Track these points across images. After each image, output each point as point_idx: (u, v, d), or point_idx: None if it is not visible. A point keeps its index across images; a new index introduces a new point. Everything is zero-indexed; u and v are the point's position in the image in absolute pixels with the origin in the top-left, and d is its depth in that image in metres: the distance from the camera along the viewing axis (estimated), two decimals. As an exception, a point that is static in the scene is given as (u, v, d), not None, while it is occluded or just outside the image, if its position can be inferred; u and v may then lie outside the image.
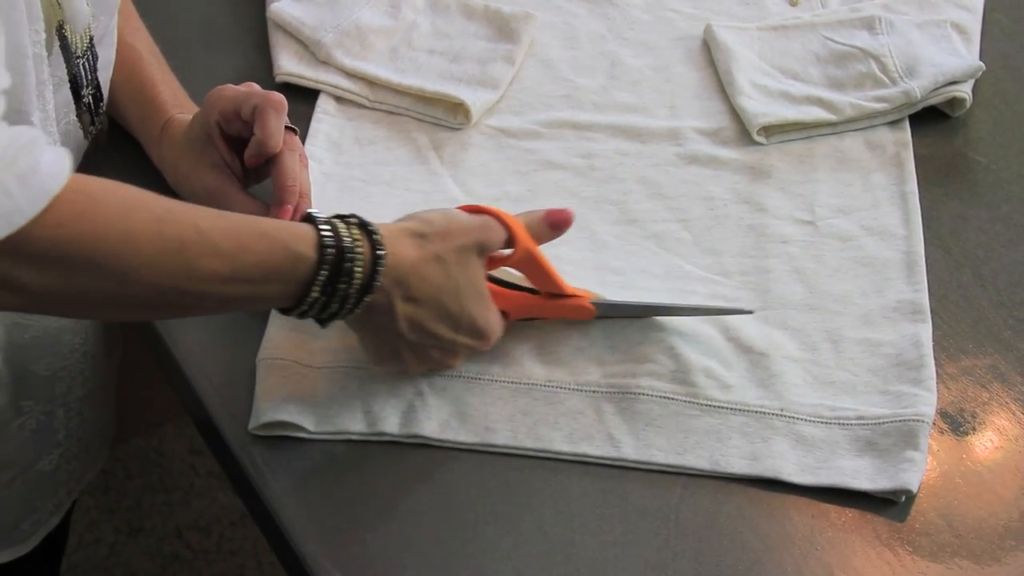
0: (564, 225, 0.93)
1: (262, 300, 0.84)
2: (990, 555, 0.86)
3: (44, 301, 0.78)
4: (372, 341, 0.90)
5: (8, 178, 0.70)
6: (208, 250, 0.78)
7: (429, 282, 0.86)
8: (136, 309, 0.82)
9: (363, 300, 0.84)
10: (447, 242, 0.86)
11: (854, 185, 1.09)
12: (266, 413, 0.90)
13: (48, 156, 0.72)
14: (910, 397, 0.92)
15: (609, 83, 1.17)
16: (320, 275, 0.82)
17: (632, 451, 0.90)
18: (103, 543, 1.82)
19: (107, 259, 0.75)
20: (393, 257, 0.84)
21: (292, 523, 0.87)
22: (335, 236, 0.82)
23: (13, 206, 0.70)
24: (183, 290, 0.79)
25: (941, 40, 1.18)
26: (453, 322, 0.88)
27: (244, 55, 1.18)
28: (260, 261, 0.80)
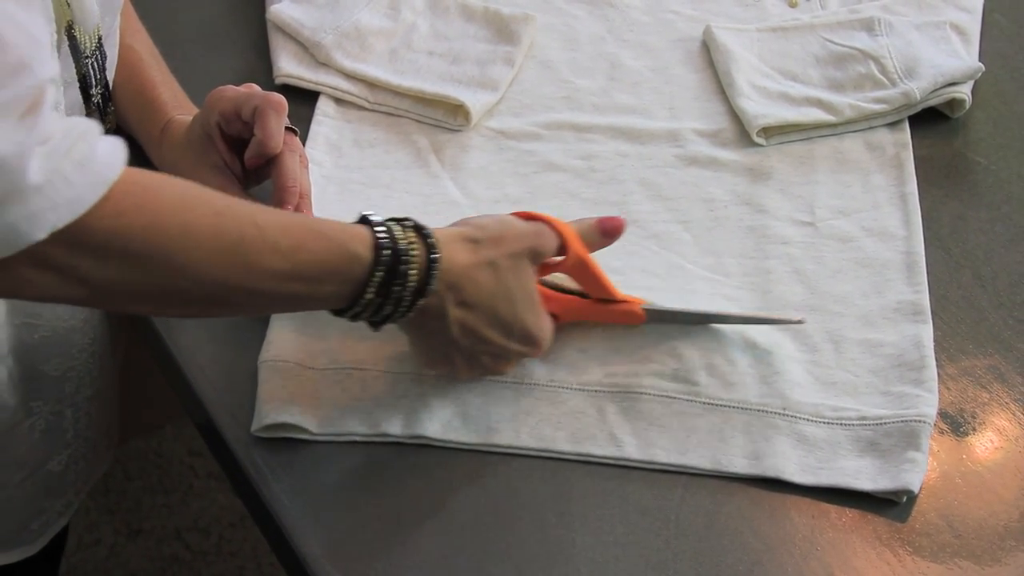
0: (616, 232, 0.93)
1: (316, 300, 0.83)
2: (990, 555, 0.86)
3: (104, 294, 0.77)
4: (423, 345, 0.90)
5: (67, 166, 0.70)
6: (267, 246, 0.78)
7: (482, 287, 0.86)
8: (193, 305, 0.82)
9: (416, 303, 0.84)
10: (500, 248, 0.87)
11: (854, 186, 1.09)
12: (269, 415, 0.90)
13: (104, 145, 0.73)
14: (912, 398, 0.92)
15: (609, 85, 1.17)
16: (375, 276, 0.82)
17: (635, 451, 0.91)
18: (103, 544, 1.82)
19: (166, 252, 0.75)
20: (447, 261, 0.84)
21: (292, 524, 0.87)
22: (391, 238, 0.82)
23: (73, 194, 0.70)
24: (240, 286, 0.79)
25: (940, 41, 1.18)
26: (505, 328, 0.88)
27: (243, 57, 1.18)
28: (317, 259, 0.80)
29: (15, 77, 0.68)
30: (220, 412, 0.92)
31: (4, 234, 0.69)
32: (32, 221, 0.69)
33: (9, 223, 0.69)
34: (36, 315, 0.93)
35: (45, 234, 0.70)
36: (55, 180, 0.69)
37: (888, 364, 0.95)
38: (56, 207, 0.70)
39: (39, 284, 0.74)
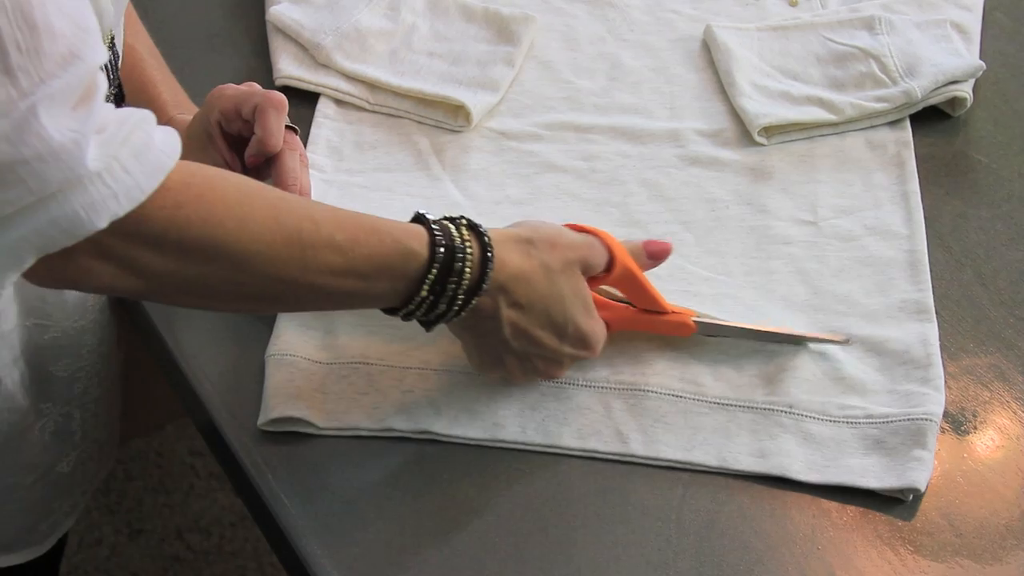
0: (662, 256, 0.93)
1: (370, 298, 0.83)
2: (992, 554, 0.86)
3: (162, 286, 0.78)
4: (476, 347, 0.90)
5: (125, 154, 0.70)
6: (323, 241, 0.78)
7: (535, 289, 0.86)
8: (248, 300, 0.82)
9: (470, 302, 0.84)
10: (553, 252, 0.87)
11: (855, 185, 1.09)
12: (275, 409, 0.90)
13: (160, 134, 0.73)
14: (918, 396, 0.92)
15: (609, 85, 1.17)
16: (430, 273, 0.82)
17: (640, 447, 0.91)
18: (104, 544, 1.82)
19: (223, 244, 0.76)
20: (501, 260, 0.84)
21: (293, 523, 0.87)
22: (446, 235, 0.82)
23: (132, 182, 0.70)
24: (295, 281, 0.79)
25: (941, 40, 1.18)
26: (558, 330, 0.88)
27: (244, 58, 1.18)
28: (372, 255, 0.80)
29: (66, 67, 0.68)
30: (221, 412, 0.92)
31: (66, 223, 0.69)
32: (93, 210, 0.69)
33: (70, 212, 0.69)
34: (47, 316, 0.93)
35: (106, 223, 0.70)
36: (113, 168, 0.69)
37: (894, 362, 0.95)
38: (116, 195, 0.70)
39: (99, 274, 0.74)
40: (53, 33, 0.67)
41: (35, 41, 0.66)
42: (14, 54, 0.66)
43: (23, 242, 0.69)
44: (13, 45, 0.66)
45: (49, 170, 0.67)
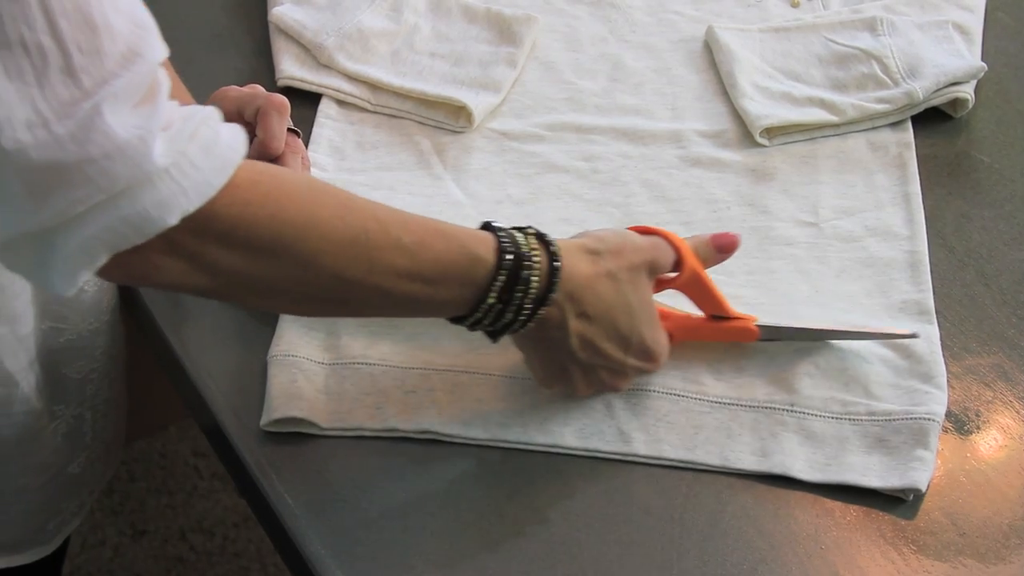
0: (731, 248, 0.93)
1: (436, 303, 0.83)
2: (995, 554, 0.87)
3: (230, 284, 0.78)
4: (541, 360, 0.89)
5: (192, 150, 0.70)
6: (390, 242, 0.78)
7: (602, 299, 0.85)
8: (315, 301, 0.82)
9: (538, 312, 0.83)
10: (620, 260, 0.86)
11: (857, 186, 1.09)
12: (278, 410, 0.90)
13: (226, 130, 0.73)
14: (921, 394, 0.92)
15: (611, 86, 1.17)
16: (497, 280, 0.81)
17: (643, 446, 0.91)
18: (107, 545, 1.82)
19: (291, 242, 0.76)
20: (569, 269, 0.84)
21: (297, 524, 0.87)
22: (513, 243, 0.82)
23: (201, 178, 0.70)
24: (360, 282, 0.79)
25: (943, 41, 1.18)
26: (623, 342, 0.87)
27: (246, 59, 1.18)
28: (439, 259, 0.80)
29: (128, 65, 0.68)
30: (225, 412, 0.92)
31: (137, 220, 0.69)
32: (163, 207, 0.69)
33: (141, 209, 0.69)
34: (63, 318, 0.93)
35: (176, 219, 0.70)
36: (182, 163, 0.70)
37: (897, 356, 0.95)
38: (185, 191, 0.70)
39: (169, 271, 0.74)
40: (113, 32, 0.67)
41: (96, 41, 0.67)
42: (76, 55, 0.66)
43: (95, 240, 0.70)
44: (75, 46, 0.66)
45: (117, 168, 0.67)
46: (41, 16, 0.65)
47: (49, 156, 0.66)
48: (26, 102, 0.66)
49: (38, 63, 0.66)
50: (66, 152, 0.66)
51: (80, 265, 0.71)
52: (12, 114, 0.65)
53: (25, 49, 0.65)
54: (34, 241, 0.70)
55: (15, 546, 1.00)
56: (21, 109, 0.65)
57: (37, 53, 0.65)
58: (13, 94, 0.65)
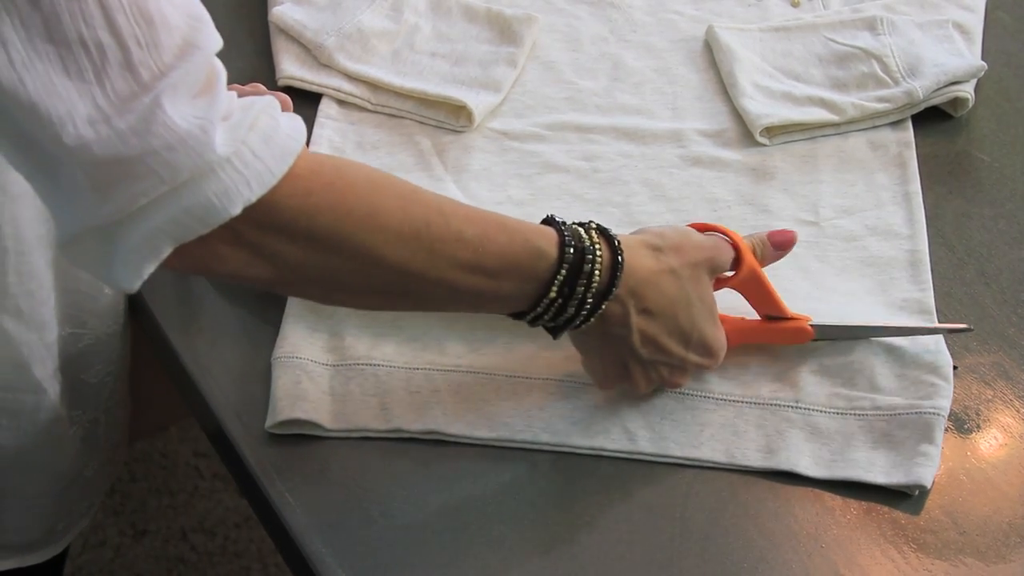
0: (788, 244, 0.93)
1: (498, 298, 0.82)
2: (995, 552, 0.87)
3: (292, 275, 0.78)
4: (601, 358, 0.89)
5: (253, 139, 0.70)
6: (452, 235, 0.78)
7: (664, 294, 0.85)
8: (376, 293, 0.82)
9: (600, 307, 0.83)
10: (681, 257, 0.86)
11: (857, 185, 1.09)
12: (282, 411, 0.90)
13: (286, 119, 0.73)
14: (927, 386, 0.92)
15: (611, 85, 1.17)
16: (560, 274, 0.81)
17: (648, 444, 0.91)
18: (108, 545, 1.82)
19: (352, 233, 0.76)
20: (631, 265, 0.84)
21: (298, 523, 0.87)
22: (575, 237, 0.82)
23: (263, 167, 0.71)
24: (423, 274, 0.79)
25: (943, 40, 1.18)
26: (684, 338, 0.87)
27: (246, 59, 1.18)
28: (501, 252, 0.80)
29: (185, 57, 0.68)
30: (228, 414, 0.92)
31: (200, 211, 0.69)
32: (226, 196, 0.69)
33: (204, 200, 0.69)
34: (83, 324, 0.94)
35: (239, 209, 0.70)
36: (243, 152, 0.70)
37: (902, 349, 0.94)
38: (247, 181, 0.70)
39: (231, 261, 0.74)
40: (169, 25, 0.68)
41: (153, 35, 0.67)
42: (135, 50, 0.66)
43: (159, 232, 0.70)
44: (133, 41, 0.66)
45: (179, 158, 0.68)
46: (99, 12, 0.66)
47: (112, 151, 0.66)
48: (86, 98, 0.66)
49: (97, 59, 0.66)
50: (128, 146, 0.67)
51: (145, 258, 0.71)
52: (74, 111, 0.66)
53: (84, 46, 0.66)
54: (100, 235, 0.70)
55: (29, 547, 1.00)
56: (82, 105, 0.66)
57: (96, 49, 0.66)
58: (74, 91, 0.66)
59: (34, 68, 0.65)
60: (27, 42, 0.65)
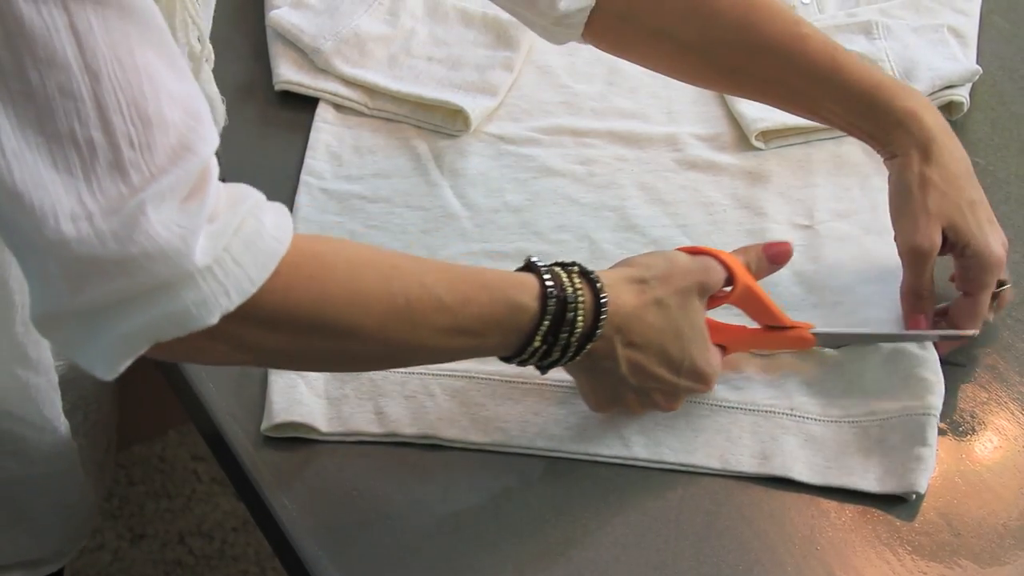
0: (783, 258, 0.94)
1: (485, 350, 0.84)
2: (990, 554, 0.87)
3: (273, 358, 0.80)
4: (592, 386, 0.90)
5: (236, 246, 0.70)
6: (433, 305, 0.79)
7: (651, 327, 0.86)
8: (359, 363, 0.84)
9: (584, 348, 0.84)
10: (668, 286, 0.87)
11: (853, 189, 1.09)
12: (279, 415, 0.91)
13: (270, 218, 0.72)
14: (917, 385, 0.92)
15: (607, 89, 1.17)
16: (542, 325, 0.82)
17: (643, 450, 0.91)
18: (106, 549, 1.82)
19: (336, 320, 0.76)
20: (615, 304, 0.84)
21: (295, 526, 0.87)
22: (557, 285, 0.82)
23: (243, 274, 0.70)
24: (406, 343, 0.79)
25: (938, 45, 1.19)
26: (674, 366, 0.88)
27: (243, 63, 1.18)
28: (482, 313, 0.80)
29: (177, 161, 0.67)
30: (224, 417, 0.92)
31: (177, 318, 0.69)
32: (204, 306, 0.69)
33: (181, 307, 0.68)
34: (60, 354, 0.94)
35: (216, 318, 0.70)
36: (225, 260, 0.69)
37: (894, 352, 0.95)
38: (226, 291, 0.69)
39: (211, 353, 0.75)
40: (165, 125, 0.67)
41: (148, 136, 0.66)
42: (127, 151, 0.66)
43: (137, 332, 0.69)
44: (126, 141, 0.66)
45: (157, 267, 0.67)
46: (95, 113, 0.65)
47: (90, 251, 0.66)
48: (72, 194, 0.65)
49: (87, 157, 0.65)
50: (107, 249, 0.66)
51: (123, 353, 0.70)
52: (57, 205, 0.65)
53: (75, 143, 0.65)
54: (75, 319, 0.69)
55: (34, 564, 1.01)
56: (67, 201, 0.65)
57: (87, 147, 0.65)
58: (59, 185, 0.65)
59: (23, 158, 0.65)
60: (19, 131, 0.65)
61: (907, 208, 0.96)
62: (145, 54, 0.67)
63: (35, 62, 0.64)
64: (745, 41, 0.97)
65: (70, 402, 0.95)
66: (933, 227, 0.95)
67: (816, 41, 0.97)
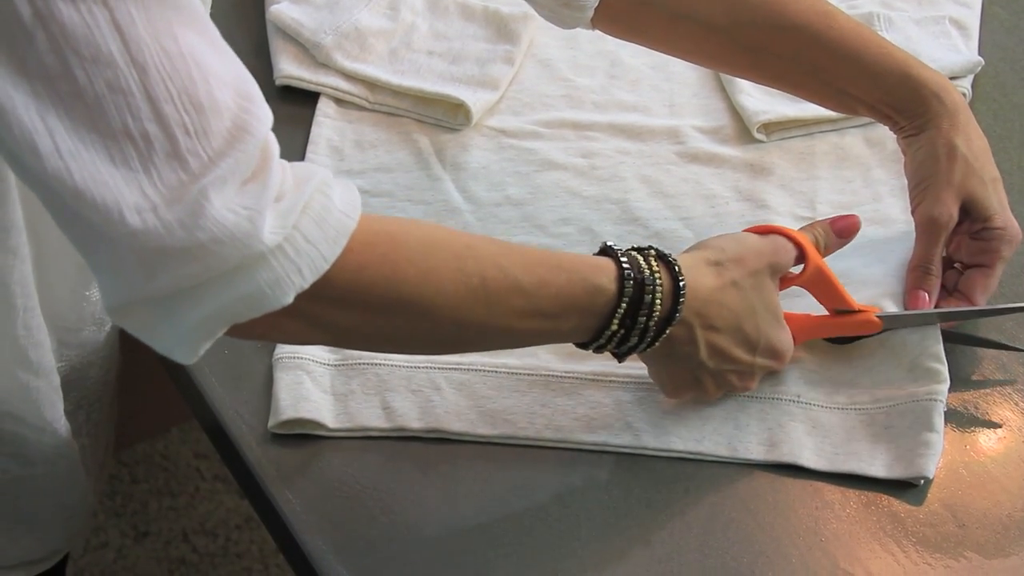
0: (852, 230, 0.94)
1: (559, 334, 0.83)
2: (995, 545, 0.87)
3: (349, 338, 0.79)
4: (669, 372, 0.89)
5: (305, 224, 0.69)
6: (509, 286, 0.78)
7: (729, 309, 0.86)
8: (435, 345, 0.84)
9: (663, 333, 0.84)
10: (742, 267, 0.86)
11: (855, 181, 1.09)
12: (285, 411, 0.90)
13: (339, 194, 0.72)
14: (922, 372, 0.92)
15: (608, 82, 1.17)
16: (620, 308, 0.81)
17: (651, 439, 0.91)
18: (110, 547, 1.82)
19: (409, 299, 0.76)
20: (693, 287, 0.84)
21: (299, 522, 0.87)
22: (635, 267, 0.82)
23: (315, 252, 0.70)
24: (482, 325, 0.79)
25: (940, 36, 1.19)
26: (751, 346, 0.88)
27: (244, 58, 1.16)
28: (559, 294, 0.80)
29: (235, 143, 0.67)
30: (228, 414, 0.92)
31: (251, 300, 0.69)
32: (277, 286, 0.69)
33: (255, 289, 0.68)
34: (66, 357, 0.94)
35: (291, 298, 0.70)
36: (295, 238, 0.69)
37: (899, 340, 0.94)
38: (299, 269, 0.69)
39: (287, 330, 0.75)
40: (219, 109, 0.66)
41: (202, 121, 0.66)
42: (182, 138, 0.66)
43: (213, 316, 0.69)
44: (181, 129, 0.65)
45: (226, 250, 0.67)
46: (146, 104, 0.65)
47: (158, 241, 0.66)
48: (133, 187, 0.65)
49: (144, 150, 0.65)
50: (175, 238, 0.66)
51: (202, 337, 0.71)
52: (121, 200, 0.65)
53: (130, 137, 0.65)
54: (151, 305, 0.69)
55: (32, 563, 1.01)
56: (129, 194, 0.65)
57: (143, 140, 0.65)
58: (120, 180, 0.65)
59: (80, 157, 0.65)
60: (73, 132, 0.65)
61: (931, 179, 0.96)
62: (189, 38, 0.66)
63: (81, 62, 0.64)
64: (771, 19, 0.98)
65: (73, 403, 0.96)
66: (953, 201, 0.96)
67: (843, 19, 0.98)
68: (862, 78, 0.98)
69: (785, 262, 0.89)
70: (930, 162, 0.97)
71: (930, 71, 0.98)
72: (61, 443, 0.93)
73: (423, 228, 0.80)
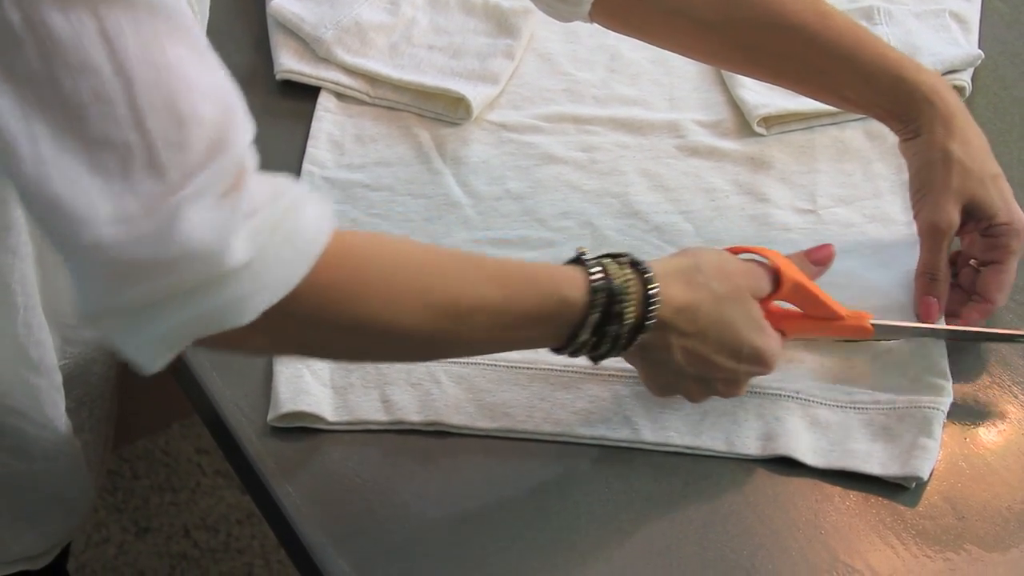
0: (826, 260, 0.94)
1: (529, 343, 0.84)
2: (995, 538, 0.87)
3: (314, 351, 0.80)
4: (649, 374, 0.89)
5: (276, 241, 0.69)
6: (475, 304, 0.78)
7: (705, 316, 0.85)
8: (403, 356, 0.85)
9: (635, 340, 0.83)
10: (721, 278, 0.86)
11: (855, 175, 1.09)
12: (285, 405, 0.90)
13: (311, 212, 0.72)
14: (926, 386, 0.92)
15: (609, 77, 1.17)
16: (589, 318, 0.81)
17: (650, 433, 0.91)
18: (111, 543, 1.82)
19: (374, 317, 0.76)
20: (666, 296, 0.83)
21: (300, 516, 0.87)
22: (606, 277, 0.82)
23: (282, 272, 0.70)
24: (452, 340, 0.80)
25: (940, 30, 1.19)
26: (734, 353, 0.87)
27: (244, 53, 1.18)
28: (528, 309, 0.80)
29: (214, 156, 0.67)
30: (229, 408, 0.92)
31: (217, 315, 0.69)
32: (243, 303, 0.69)
33: (220, 304, 0.68)
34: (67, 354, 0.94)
35: (256, 315, 0.69)
36: (265, 257, 0.69)
37: (903, 347, 0.95)
38: (266, 287, 0.69)
39: (255, 345, 0.75)
40: (201, 121, 0.66)
41: (183, 133, 0.66)
42: (162, 150, 0.65)
43: (177, 331, 0.69)
44: (162, 141, 0.65)
45: (196, 266, 0.67)
46: (128, 114, 0.65)
47: (129, 254, 0.66)
48: (109, 198, 0.65)
49: (123, 159, 0.65)
50: (145, 251, 0.66)
51: (164, 350, 0.70)
52: (96, 210, 0.65)
53: (110, 146, 0.65)
54: (119, 314, 0.69)
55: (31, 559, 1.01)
56: (104, 205, 0.65)
57: (123, 149, 0.65)
58: (97, 189, 0.65)
59: (60, 164, 0.65)
60: (54, 138, 0.64)
61: (929, 186, 0.97)
62: (176, 50, 0.66)
63: (68, 69, 0.64)
64: (766, 19, 0.98)
65: (75, 400, 0.96)
66: (953, 206, 0.96)
67: (838, 19, 0.98)
68: (856, 80, 0.98)
69: (760, 287, 0.89)
70: (927, 169, 0.97)
71: (925, 73, 0.98)
72: (62, 439, 0.93)
73: (393, 245, 0.80)
